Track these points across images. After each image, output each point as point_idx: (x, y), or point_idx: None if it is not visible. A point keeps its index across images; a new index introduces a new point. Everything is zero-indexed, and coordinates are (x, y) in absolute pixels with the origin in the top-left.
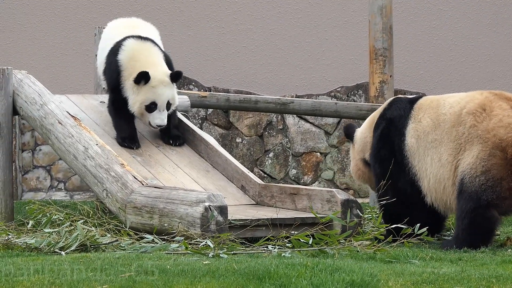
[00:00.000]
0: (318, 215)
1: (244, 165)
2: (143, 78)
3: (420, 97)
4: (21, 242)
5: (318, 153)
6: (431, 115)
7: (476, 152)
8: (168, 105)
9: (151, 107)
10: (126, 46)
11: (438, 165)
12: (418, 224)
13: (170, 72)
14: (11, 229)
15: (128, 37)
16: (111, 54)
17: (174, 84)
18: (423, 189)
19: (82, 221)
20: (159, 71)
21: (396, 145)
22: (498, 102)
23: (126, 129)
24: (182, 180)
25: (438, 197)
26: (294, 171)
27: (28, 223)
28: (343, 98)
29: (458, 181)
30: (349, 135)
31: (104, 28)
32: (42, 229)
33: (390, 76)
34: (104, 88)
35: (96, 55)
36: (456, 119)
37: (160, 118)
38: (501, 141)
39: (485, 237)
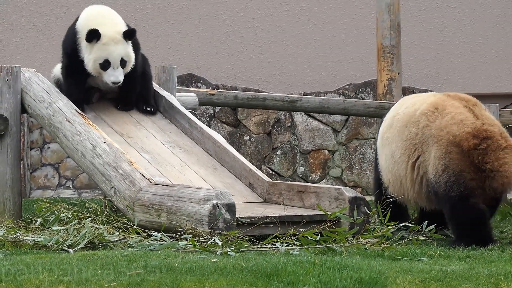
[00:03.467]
0: (328, 212)
1: (252, 163)
2: (93, 35)
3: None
4: (29, 240)
5: (326, 151)
6: (390, 114)
7: (433, 152)
8: (123, 62)
9: (105, 65)
10: (82, 13)
11: (391, 161)
12: (426, 222)
13: (124, 30)
14: (20, 227)
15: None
16: (70, 26)
17: (129, 41)
18: (385, 182)
19: (90, 219)
20: (110, 29)
21: None
22: (450, 101)
23: (75, 93)
24: (190, 178)
25: (396, 190)
26: (302, 169)
27: (36, 221)
28: (351, 96)
29: (425, 184)
30: None
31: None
32: (50, 227)
33: (398, 74)
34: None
35: None
36: (409, 119)
37: (114, 75)
38: (455, 137)
39: (478, 228)
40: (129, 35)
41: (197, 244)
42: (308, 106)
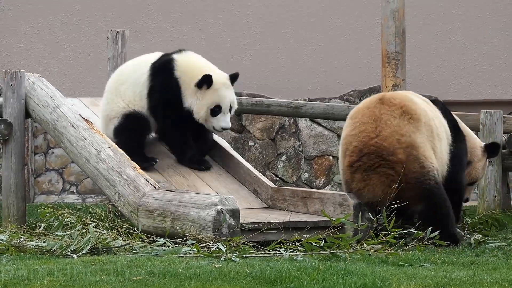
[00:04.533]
0: (332, 218)
1: (257, 169)
2: (206, 81)
3: (432, 100)
4: (33, 245)
5: (331, 157)
6: None
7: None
8: (230, 107)
9: (216, 110)
10: (173, 59)
11: None
12: (430, 228)
13: (227, 74)
14: (23, 232)
15: (166, 54)
16: (156, 72)
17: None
18: None
19: (94, 224)
20: (219, 74)
21: None
22: (367, 109)
23: (190, 146)
24: (194, 183)
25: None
26: (306, 175)
27: (40, 226)
28: (356, 102)
29: None
30: None
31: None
32: (54, 232)
33: (403, 80)
34: (151, 113)
35: (107, 92)
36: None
37: (225, 120)
38: (345, 150)
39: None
40: (235, 79)
41: (201, 249)
42: (312, 112)
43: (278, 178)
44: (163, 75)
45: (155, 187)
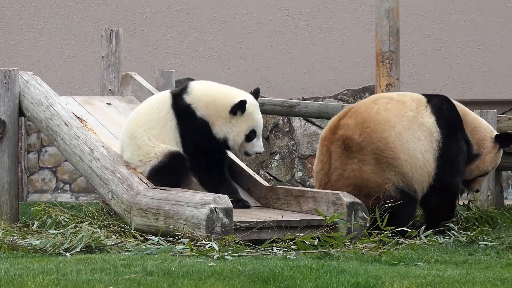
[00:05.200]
0: (325, 216)
1: (250, 168)
2: (241, 107)
3: (430, 97)
4: (26, 243)
5: None
6: None
7: None
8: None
9: (251, 135)
10: (187, 90)
11: None
12: (423, 227)
13: (250, 93)
14: (16, 230)
15: (176, 92)
16: (184, 118)
17: None
18: None
19: (87, 222)
20: (247, 95)
21: None
22: (322, 141)
23: (230, 184)
24: (189, 182)
25: None
26: (300, 174)
27: (33, 225)
28: (350, 101)
29: None
30: None
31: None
32: (47, 231)
33: (397, 79)
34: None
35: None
36: None
37: (259, 145)
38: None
39: None
40: (257, 95)
41: (195, 248)
42: (306, 111)
43: (271, 177)
44: (191, 121)
45: (148, 186)
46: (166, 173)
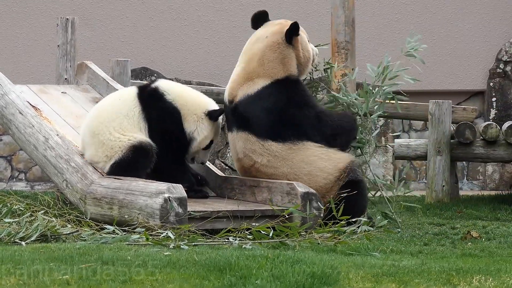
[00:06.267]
0: (278, 208)
1: None
2: (219, 114)
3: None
4: None
5: None
6: None
7: None
8: None
9: (210, 145)
10: (162, 88)
11: None
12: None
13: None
14: None
15: (143, 85)
16: (149, 103)
17: None
18: None
19: (42, 211)
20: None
21: None
22: None
23: (189, 176)
24: None
25: None
26: None
27: None
28: None
29: None
30: None
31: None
32: (2, 219)
33: (352, 69)
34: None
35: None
36: None
37: (207, 156)
38: None
39: None
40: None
41: (150, 237)
42: None
43: (227, 167)
44: (159, 104)
45: (103, 175)
46: (127, 168)
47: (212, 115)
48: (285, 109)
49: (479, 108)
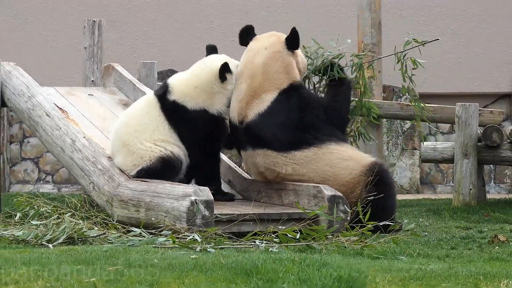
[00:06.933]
0: (306, 210)
1: (232, 160)
2: (224, 70)
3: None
4: (8, 234)
5: None
6: None
7: None
8: None
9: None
10: (179, 98)
11: None
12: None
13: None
14: None
15: (156, 92)
16: (177, 118)
17: None
18: None
19: (69, 214)
20: (222, 59)
21: None
22: None
23: (219, 175)
24: None
25: None
26: None
27: (15, 216)
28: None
29: None
30: None
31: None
32: (29, 222)
33: (379, 72)
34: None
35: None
36: None
37: None
38: None
39: None
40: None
41: (177, 240)
42: None
43: None
44: (185, 117)
45: (129, 177)
46: (153, 177)
47: (221, 79)
48: (298, 117)
49: (506, 111)
